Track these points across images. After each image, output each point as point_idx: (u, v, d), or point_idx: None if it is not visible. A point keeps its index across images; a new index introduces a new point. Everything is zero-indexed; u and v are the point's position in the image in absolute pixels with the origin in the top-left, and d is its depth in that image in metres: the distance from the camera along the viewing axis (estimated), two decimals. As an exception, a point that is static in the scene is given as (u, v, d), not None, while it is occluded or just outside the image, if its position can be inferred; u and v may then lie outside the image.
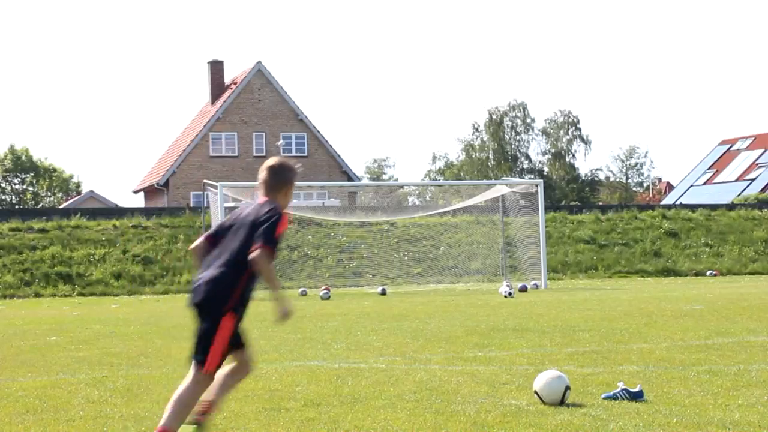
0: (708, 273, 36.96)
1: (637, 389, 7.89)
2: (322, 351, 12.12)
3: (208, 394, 6.15)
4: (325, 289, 27.17)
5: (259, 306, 24.65)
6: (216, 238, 6.29)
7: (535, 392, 7.85)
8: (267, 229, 5.97)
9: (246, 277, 6.06)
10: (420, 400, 8.15)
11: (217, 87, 58.29)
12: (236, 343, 6.15)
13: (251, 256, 5.90)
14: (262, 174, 6.35)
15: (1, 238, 34.63)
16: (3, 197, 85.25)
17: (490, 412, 7.46)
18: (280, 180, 6.33)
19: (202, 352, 6.01)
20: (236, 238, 6.12)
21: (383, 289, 28.12)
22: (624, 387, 7.89)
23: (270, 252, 5.94)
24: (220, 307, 6.01)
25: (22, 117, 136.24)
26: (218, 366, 6.06)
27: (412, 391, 8.56)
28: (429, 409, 7.69)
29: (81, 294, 31.52)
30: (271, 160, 6.43)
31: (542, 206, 31.25)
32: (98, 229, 36.11)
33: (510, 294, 24.11)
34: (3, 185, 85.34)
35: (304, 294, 28.82)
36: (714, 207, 45.99)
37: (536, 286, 29.12)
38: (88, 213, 38.89)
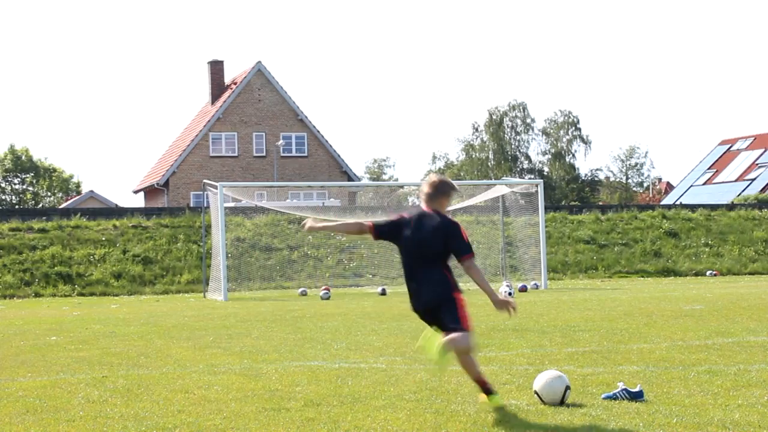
0: (708, 273, 36.93)
1: (637, 389, 7.89)
2: (322, 351, 12.12)
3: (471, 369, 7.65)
4: (325, 289, 27.16)
5: (259, 306, 24.52)
6: (381, 235, 7.99)
7: (535, 392, 7.85)
8: (462, 241, 7.69)
9: (450, 272, 7.77)
10: (420, 400, 8.15)
11: (217, 87, 58.29)
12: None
13: (465, 266, 7.65)
14: (425, 188, 7.87)
15: (1, 238, 34.62)
16: (3, 197, 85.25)
17: (490, 412, 7.47)
18: (438, 192, 7.86)
19: (454, 322, 7.55)
20: (431, 248, 7.72)
21: (383, 289, 28.10)
22: (624, 387, 7.89)
23: (474, 258, 7.68)
24: (450, 295, 7.65)
25: (22, 117, 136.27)
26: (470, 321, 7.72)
27: (412, 391, 8.57)
28: (429, 409, 7.69)
29: (81, 294, 31.51)
30: (433, 177, 7.97)
31: (542, 206, 31.23)
32: (98, 229, 36.09)
33: (510, 294, 24.08)
34: (3, 185, 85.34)
35: (304, 294, 28.81)
36: (714, 207, 45.97)
37: (536, 286, 29.10)
38: (88, 213, 38.87)
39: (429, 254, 7.72)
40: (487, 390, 7.65)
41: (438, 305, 7.65)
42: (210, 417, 7.59)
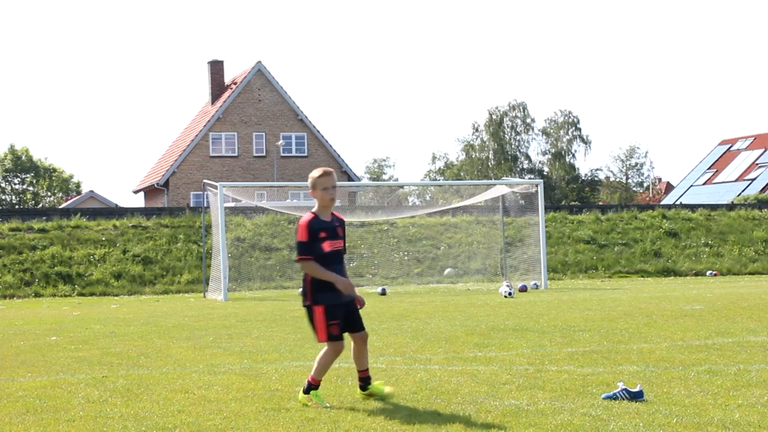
0: (708, 273, 36.90)
1: (637, 389, 7.89)
2: (322, 351, 12.10)
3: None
4: (325, 289, 27.10)
5: (259, 306, 24.52)
6: (313, 252, 8.33)
7: None
8: (297, 242, 8.28)
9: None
10: (420, 400, 8.15)
11: (217, 87, 58.30)
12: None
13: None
14: (309, 181, 8.45)
15: (1, 238, 34.61)
16: (3, 197, 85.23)
17: (490, 412, 7.46)
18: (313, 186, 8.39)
19: (362, 323, 8.47)
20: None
21: (383, 289, 28.07)
22: (624, 387, 7.89)
23: (304, 262, 8.22)
24: (305, 304, 8.34)
25: (22, 117, 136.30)
26: None
27: (412, 391, 8.57)
28: (429, 409, 7.69)
29: (81, 294, 31.49)
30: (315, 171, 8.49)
31: (542, 206, 31.20)
32: (98, 229, 36.08)
33: (510, 294, 24.07)
34: (3, 185, 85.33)
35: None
36: (714, 207, 45.94)
37: (536, 286, 29.08)
38: (88, 213, 38.86)
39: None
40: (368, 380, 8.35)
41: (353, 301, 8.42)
42: (210, 417, 7.59)
